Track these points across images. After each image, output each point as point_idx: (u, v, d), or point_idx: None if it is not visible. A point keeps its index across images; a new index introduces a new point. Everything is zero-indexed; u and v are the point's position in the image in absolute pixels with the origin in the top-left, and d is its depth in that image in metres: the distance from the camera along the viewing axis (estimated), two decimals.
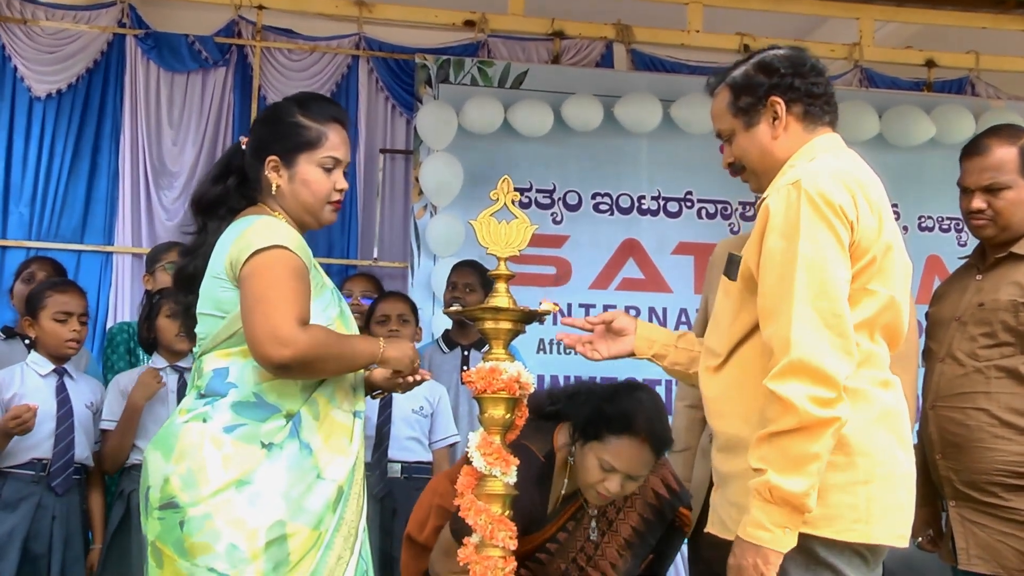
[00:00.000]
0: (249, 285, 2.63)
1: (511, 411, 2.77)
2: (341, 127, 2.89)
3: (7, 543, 3.81)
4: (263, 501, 2.57)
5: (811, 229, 2.38)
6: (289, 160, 2.81)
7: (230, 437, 2.60)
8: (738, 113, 2.66)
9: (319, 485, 2.65)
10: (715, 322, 2.65)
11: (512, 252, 2.84)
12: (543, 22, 6.87)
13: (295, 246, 2.70)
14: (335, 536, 2.66)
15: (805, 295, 2.35)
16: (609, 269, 6.69)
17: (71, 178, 6.32)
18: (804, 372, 2.30)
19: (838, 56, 7.19)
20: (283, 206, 2.84)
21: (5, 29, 6.31)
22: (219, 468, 2.57)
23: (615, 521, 3.36)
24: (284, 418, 2.67)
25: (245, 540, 2.53)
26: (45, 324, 4.03)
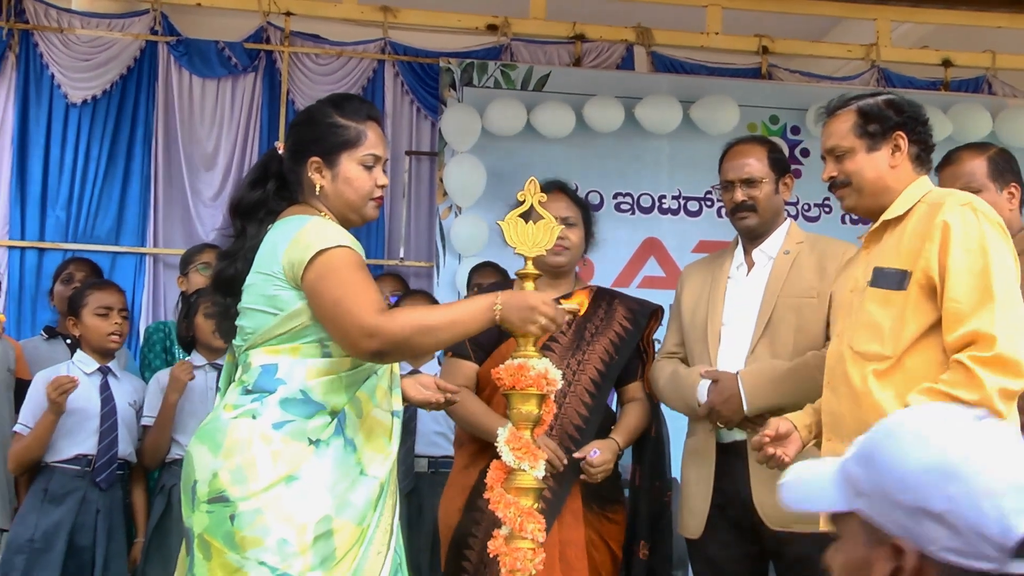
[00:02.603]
0: (323, 288, 2.67)
1: (539, 407, 2.79)
2: (377, 124, 2.93)
3: (54, 535, 3.86)
4: (311, 496, 2.59)
5: (998, 244, 2.71)
6: (331, 160, 2.84)
7: (279, 433, 2.62)
8: (863, 135, 2.94)
9: (362, 482, 2.68)
10: (871, 328, 2.81)
11: (539, 252, 2.88)
12: (564, 25, 6.87)
13: (351, 242, 2.75)
14: (376, 532, 2.69)
15: (1004, 300, 2.65)
16: (631, 267, 6.71)
17: (106, 182, 6.35)
18: (1004, 366, 2.60)
19: (855, 56, 7.19)
20: (327, 206, 2.86)
21: (42, 38, 6.36)
22: (269, 464, 2.59)
23: (595, 336, 3.49)
24: (329, 415, 2.69)
25: (295, 534, 2.55)
26: (88, 320, 4.08)
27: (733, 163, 3.59)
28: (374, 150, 2.88)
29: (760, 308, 3.44)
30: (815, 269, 3.46)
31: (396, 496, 2.85)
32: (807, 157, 6.93)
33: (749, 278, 3.53)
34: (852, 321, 2.88)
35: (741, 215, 3.55)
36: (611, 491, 3.56)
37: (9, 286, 5.85)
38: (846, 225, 6.89)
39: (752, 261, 3.56)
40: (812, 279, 3.44)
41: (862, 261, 2.99)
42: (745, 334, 3.44)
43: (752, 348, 3.41)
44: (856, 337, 2.85)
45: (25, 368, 4.32)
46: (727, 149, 3.68)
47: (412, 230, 6.68)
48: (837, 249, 3.51)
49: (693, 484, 3.48)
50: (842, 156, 2.97)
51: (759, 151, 3.60)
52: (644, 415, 3.62)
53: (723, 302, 3.51)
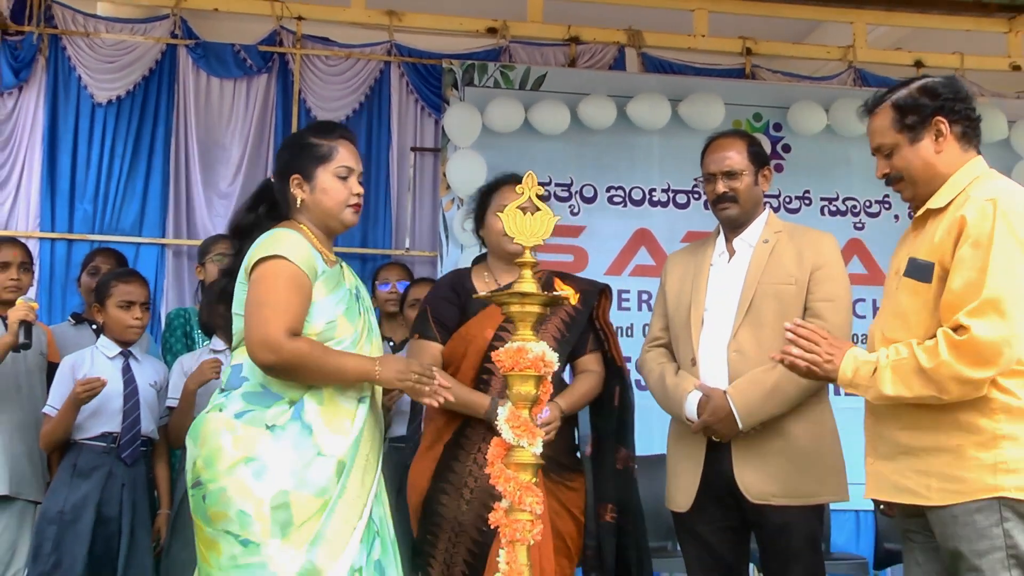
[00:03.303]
0: (252, 290, 2.91)
1: (537, 387, 2.79)
2: (349, 142, 3.12)
3: (82, 507, 3.87)
4: (268, 474, 2.79)
5: (1005, 241, 2.62)
6: (309, 175, 3.05)
7: (240, 422, 2.85)
8: (903, 129, 2.84)
9: (319, 460, 2.84)
10: (900, 317, 2.79)
11: (537, 241, 2.86)
12: (560, 28, 6.87)
13: (297, 257, 2.91)
14: (338, 503, 2.84)
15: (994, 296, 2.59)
16: (623, 257, 6.71)
17: (129, 177, 6.35)
18: (969, 355, 2.57)
19: (833, 57, 7.19)
20: (309, 218, 3.07)
21: (70, 41, 6.35)
22: (231, 448, 2.82)
23: (547, 317, 3.45)
24: (287, 404, 2.88)
25: (253, 506, 2.77)
26: (111, 311, 4.08)
27: (715, 156, 3.58)
28: (346, 163, 3.07)
29: (741, 294, 3.43)
30: (793, 257, 3.45)
31: (373, 472, 2.99)
32: (788, 152, 6.93)
33: (731, 265, 3.52)
34: (886, 307, 2.87)
35: (723, 206, 3.54)
36: (569, 460, 3.56)
37: (40, 275, 5.85)
38: (825, 217, 6.90)
39: (733, 249, 3.55)
40: (791, 267, 3.43)
41: (907, 246, 2.93)
42: (727, 319, 3.43)
43: (734, 332, 3.41)
44: (888, 324, 2.84)
45: (56, 352, 4.32)
46: (708, 143, 3.67)
47: (417, 221, 6.67)
48: (814, 238, 3.53)
49: (682, 464, 3.49)
50: (890, 153, 2.90)
51: (739, 145, 3.59)
52: (593, 385, 3.60)
53: (706, 289, 3.51)
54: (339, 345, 2.97)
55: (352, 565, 2.84)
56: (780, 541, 3.36)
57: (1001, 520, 2.58)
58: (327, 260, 3.05)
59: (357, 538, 2.86)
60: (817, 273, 3.43)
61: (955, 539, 2.62)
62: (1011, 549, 2.58)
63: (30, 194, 6.28)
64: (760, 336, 3.38)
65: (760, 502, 3.31)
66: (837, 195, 6.96)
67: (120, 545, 3.89)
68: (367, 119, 6.67)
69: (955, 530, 2.62)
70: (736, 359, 3.39)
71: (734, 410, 3.29)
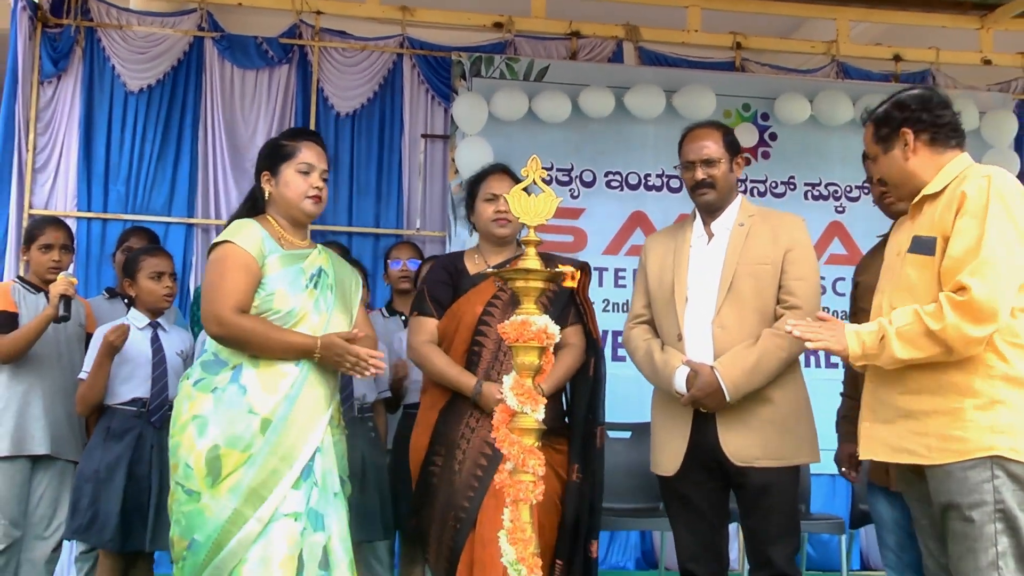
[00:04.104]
0: (207, 271, 3.17)
1: (540, 358, 2.79)
2: (315, 144, 3.31)
3: (115, 466, 3.87)
4: (207, 431, 3.00)
5: (999, 212, 2.70)
6: (275, 171, 3.25)
7: (195, 388, 3.08)
8: (879, 141, 2.97)
9: (248, 418, 3.00)
10: (909, 289, 2.82)
11: (540, 221, 2.87)
12: (562, 23, 6.85)
13: (245, 242, 3.11)
14: (267, 456, 2.98)
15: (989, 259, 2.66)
16: (620, 237, 6.70)
17: (159, 160, 6.35)
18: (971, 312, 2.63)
19: (818, 52, 7.16)
20: (276, 209, 3.27)
21: (104, 34, 6.35)
22: (186, 410, 3.06)
23: None
24: (231, 369, 3.08)
25: (193, 459, 2.99)
26: (143, 283, 4.08)
27: (693, 145, 3.57)
28: (308, 160, 3.25)
29: (722, 274, 3.44)
30: (768, 240, 3.47)
31: (318, 430, 3.09)
32: (775, 140, 6.90)
33: (710, 248, 3.52)
34: (894, 283, 2.89)
35: (701, 191, 3.54)
36: (556, 425, 3.55)
37: (77, 252, 5.84)
38: (808, 201, 6.87)
39: (712, 232, 3.55)
40: (766, 248, 3.45)
41: (905, 230, 2.97)
42: (709, 297, 3.43)
43: (718, 310, 3.41)
44: (896, 297, 2.86)
45: (93, 323, 4.32)
46: (686, 133, 3.66)
47: (427, 203, 6.65)
48: (786, 222, 3.56)
49: (668, 432, 3.49)
50: (874, 160, 3.02)
51: (716, 135, 3.58)
52: (573, 360, 3.60)
53: (687, 269, 3.50)
54: (276, 315, 3.11)
55: (279, 510, 2.96)
56: (762, 500, 3.38)
57: (992, 477, 2.64)
58: (287, 244, 3.22)
59: (286, 487, 2.98)
60: (790, 254, 3.45)
61: (949, 493, 2.68)
62: (998, 504, 2.64)
63: (68, 176, 6.28)
64: (741, 313, 3.39)
65: (744, 465, 3.34)
66: (820, 180, 6.94)
67: (150, 501, 3.89)
68: (380, 107, 6.66)
69: (949, 485, 2.68)
70: (720, 334, 3.39)
71: (722, 384, 3.29)
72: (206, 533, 2.95)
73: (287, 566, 2.94)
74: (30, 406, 4.08)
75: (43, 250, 4.22)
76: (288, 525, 2.97)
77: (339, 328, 3.22)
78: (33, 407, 4.08)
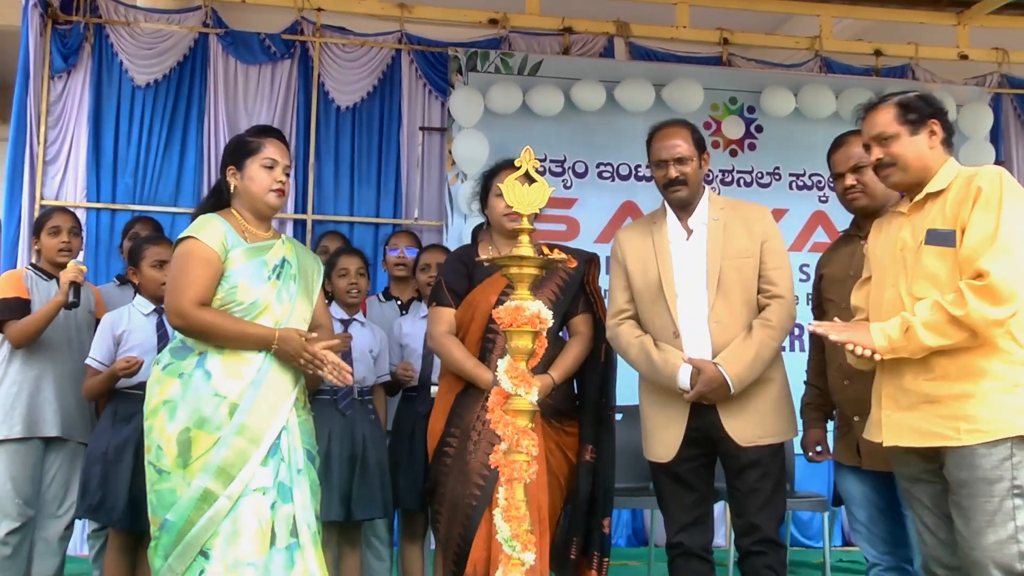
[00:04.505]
0: (171, 266, 3.20)
1: (533, 342, 2.78)
2: (279, 140, 3.32)
3: (123, 448, 3.85)
4: (177, 414, 3.04)
5: (1013, 203, 2.80)
6: (240, 165, 3.26)
7: (164, 373, 3.12)
8: (905, 123, 2.99)
9: (215, 401, 3.05)
10: (929, 278, 2.87)
11: (534, 210, 2.85)
12: (555, 20, 6.85)
13: (207, 237, 3.13)
14: (235, 437, 3.02)
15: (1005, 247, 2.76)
16: (611, 226, 6.67)
17: (166, 153, 6.35)
18: (990, 295, 2.71)
19: (802, 47, 7.17)
20: (240, 203, 3.27)
21: (112, 30, 6.34)
22: (156, 395, 3.10)
23: (544, 282, 3.54)
24: (196, 355, 3.11)
25: (164, 442, 3.04)
26: (145, 271, 4.06)
27: (664, 144, 3.53)
28: (272, 156, 3.25)
29: (708, 271, 3.44)
30: (744, 232, 3.48)
31: (284, 412, 3.13)
32: (761, 132, 6.90)
33: (690, 244, 3.51)
34: (911, 273, 2.92)
35: (675, 189, 3.51)
36: (567, 408, 3.61)
37: (87, 241, 5.85)
38: (793, 191, 6.88)
39: (689, 228, 3.53)
40: (744, 241, 3.47)
41: (903, 225, 3.01)
42: (700, 294, 3.43)
43: (711, 306, 3.41)
44: (915, 285, 2.89)
45: (103, 309, 4.31)
46: (655, 132, 3.61)
47: (425, 194, 6.65)
48: (756, 213, 3.56)
49: (663, 421, 3.48)
50: (887, 140, 3.00)
51: (685, 133, 3.56)
52: (582, 349, 3.63)
53: (672, 267, 3.48)
54: (240, 306, 3.14)
55: (248, 486, 3.01)
56: (752, 473, 3.41)
57: (1011, 456, 2.72)
58: (251, 236, 3.23)
59: (254, 465, 3.03)
60: (766, 245, 3.47)
61: (974, 469, 2.74)
62: (1015, 480, 2.72)
63: (78, 168, 6.29)
64: (732, 306, 3.41)
65: (749, 445, 3.37)
66: (804, 171, 6.93)
67: None
68: (380, 101, 6.66)
69: (975, 461, 2.74)
70: (717, 329, 3.39)
71: (728, 379, 3.32)
72: (178, 512, 3.00)
73: (257, 539, 3.00)
74: (42, 390, 4.08)
75: (52, 233, 4.21)
76: (257, 499, 3.03)
77: (303, 316, 3.28)
78: (45, 391, 4.08)
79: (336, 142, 6.56)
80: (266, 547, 3.00)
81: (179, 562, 2.98)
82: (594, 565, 3.59)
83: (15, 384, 4.06)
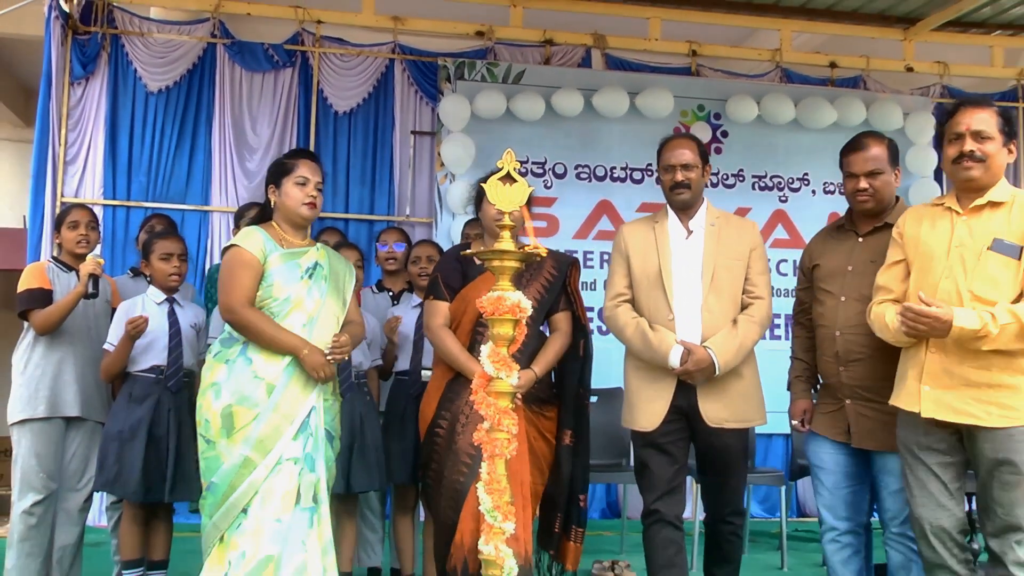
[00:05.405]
0: (219, 271, 3.42)
1: (513, 329, 2.79)
2: (310, 160, 3.50)
3: (137, 427, 3.85)
4: (221, 394, 3.25)
5: None
6: (279, 184, 3.47)
7: (214, 360, 3.34)
8: (1002, 132, 3.07)
9: (254, 382, 3.26)
10: (991, 281, 2.97)
11: (514, 208, 2.85)
12: (537, 32, 6.84)
13: (248, 245, 3.34)
14: (271, 414, 3.23)
15: None
16: (588, 223, 6.72)
17: (177, 154, 6.34)
18: None
19: (764, 59, 7.17)
20: (279, 216, 3.48)
21: (127, 40, 6.32)
22: (208, 378, 3.32)
23: (529, 281, 3.62)
24: (241, 344, 3.32)
25: (210, 416, 3.25)
26: (155, 264, 4.05)
27: (674, 152, 3.65)
28: (304, 174, 3.45)
29: (703, 268, 3.55)
30: (736, 240, 3.61)
31: (314, 394, 3.33)
32: (726, 137, 6.93)
33: (689, 242, 3.61)
34: (972, 273, 3.00)
35: (679, 191, 3.62)
36: (547, 395, 3.66)
37: (104, 235, 5.82)
38: (756, 191, 6.90)
39: (690, 229, 3.63)
40: (736, 247, 3.60)
41: (958, 224, 3.07)
42: (695, 286, 3.54)
43: (704, 297, 3.52)
44: (976, 284, 2.98)
45: (119, 299, 4.28)
46: (666, 143, 3.73)
47: (416, 193, 6.65)
48: (746, 227, 3.71)
49: (650, 394, 3.55)
50: (985, 140, 3.04)
51: (693, 145, 3.68)
52: (563, 343, 3.68)
53: (672, 260, 3.59)
54: (275, 301, 3.35)
55: (283, 456, 3.23)
56: (721, 453, 3.56)
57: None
58: (287, 244, 3.43)
59: (288, 437, 3.24)
60: (753, 253, 3.61)
61: (1005, 451, 2.89)
62: None
63: (95, 168, 6.27)
64: (721, 300, 3.53)
65: (716, 426, 3.49)
66: (766, 173, 6.96)
67: (168, 458, 3.89)
68: (374, 107, 6.65)
69: (1007, 444, 2.88)
70: (707, 317, 3.51)
71: (715, 361, 3.43)
72: (222, 476, 3.21)
73: (287, 499, 3.22)
74: (63, 373, 4.07)
75: (71, 227, 4.20)
76: (289, 467, 3.24)
77: (333, 313, 3.46)
78: (66, 374, 4.07)
79: (334, 144, 6.55)
80: (290, 507, 3.22)
81: (224, 519, 3.22)
82: (571, 536, 3.67)
83: (39, 368, 4.05)
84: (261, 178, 6.20)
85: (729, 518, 3.64)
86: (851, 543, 3.44)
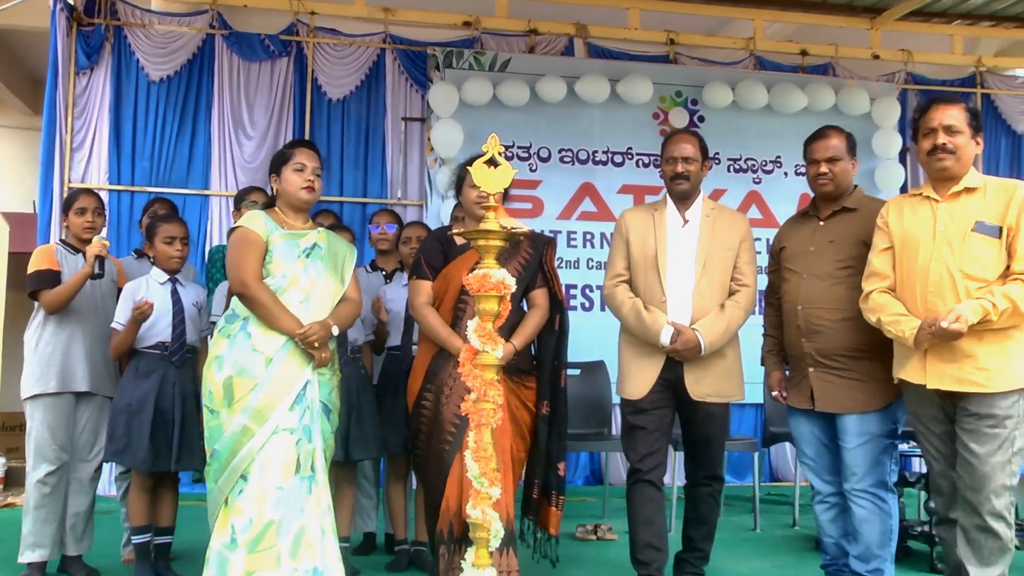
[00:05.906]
0: (228, 250, 3.49)
1: (498, 305, 2.82)
2: (307, 148, 3.55)
3: (144, 401, 3.86)
4: (223, 367, 3.31)
5: None
6: (279, 171, 3.52)
7: (219, 334, 3.39)
8: (971, 125, 3.22)
9: (252, 355, 3.30)
10: (978, 260, 3.10)
11: (499, 190, 2.87)
12: (522, 22, 6.84)
13: (252, 225, 3.41)
14: (268, 385, 3.28)
15: None
16: (571, 205, 6.74)
17: (178, 140, 6.34)
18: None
19: (738, 47, 7.18)
20: (281, 201, 3.53)
21: (130, 31, 6.31)
22: (212, 351, 3.39)
23: (507, 260, 3.54)
24: (241, 320, 3.36)
25: (213, 388, 3.31)
26: (158, 246, 4.05)
27: (676, 146, 3.71)
28: (302, 160, 3.50)
29: (697, 255, 3.64)
30: (728, 231, 3.70)
31: (309, 367, 3.35)
32: (703, 122, 6.94)
33: (685, 230, 3.69)
34: (959, 254, 3.12)
35: (679, 181, 3.69)
36: (527, 367, 3.67)
37: (109, 218, 5.81)
38: (731, 173, 6.93)
39: (686, 218, 3.71)
40: (728, 238, 3.69)
41: (938, 210, 3.19)
42: (688, 271, 3.62)
43: (696, 281, 3.61)
44: (965, 264, 3.10)
45: (124, 279, 4.28)
46: (670, 136, 3.79)
47: (407, 176, 6.65)
48: (737, 219, 3.79)
49: (640, 365, 3.65)
50: (955, 133, 3.18)
51: (694, 140, 3.74)
52: (540, 318, 3.68)
53: (668, 245, 3.66)
54: (272, 278, 3.39)
55: (279, 426, 3.27)
56: (704, 423, 3.67)
57: (1020, 399, 3.07)
58: (288, 227, 3.48)
59: (284, 408, 3.27)
60: (743, 244, 3.71)
61: (992, 408, 3.04)
62: (1020, 417, 3.07)
63: (101, 154, 6.26)
64: (711, 285, 3.62)
65: (699, 400, 3.59)
66: (740, 156, 6.99)
67: (174, 430, 3.91)
68: (367, 94, 6.64)
69: (996, 402, 3.04)
70: (698, 300, 3.59)
71: (702, 342, 3.52)
72: (223, 443, 3.27)
73: (287, 467, 3.27)
74: (72, 350, 4.07)
75: (78, 213, 4.19)
76: (286, 437, 3.28)
77: (329, 290, 3.49)
78: (75, 351, 4.07)
79: (328, 131, 6.54)
80: (290, 476, 3.26)
81: (226, 483, 3.27)
82: (552, 502, 3.69)
83: (49, 345, 4.05)
84: (259, 163, 6.25)
85: (707, 481, 3.75)
86: (837, 503, 3.56)
